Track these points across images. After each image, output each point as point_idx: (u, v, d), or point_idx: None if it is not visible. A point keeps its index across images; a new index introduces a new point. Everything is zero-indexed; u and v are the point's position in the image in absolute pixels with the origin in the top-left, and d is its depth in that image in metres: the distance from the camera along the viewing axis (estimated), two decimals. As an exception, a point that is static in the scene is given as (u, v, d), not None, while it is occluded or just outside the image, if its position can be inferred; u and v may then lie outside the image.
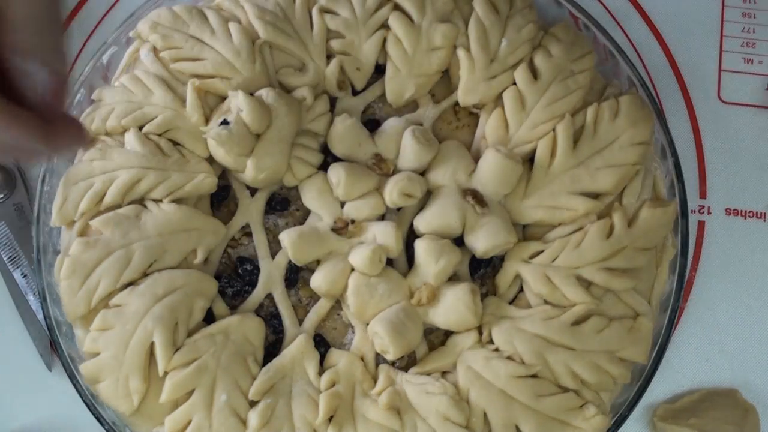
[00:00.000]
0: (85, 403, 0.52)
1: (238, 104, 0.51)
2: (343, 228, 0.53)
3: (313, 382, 0.52)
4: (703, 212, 0.60)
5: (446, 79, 0.57)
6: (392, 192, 0.53)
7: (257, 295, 0.54)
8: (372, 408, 0.51)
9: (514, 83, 0.55)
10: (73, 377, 0.52)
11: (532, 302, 0.53)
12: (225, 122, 0.51)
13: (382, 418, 0.50)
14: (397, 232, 0.52)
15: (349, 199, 0.54)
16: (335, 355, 0.53)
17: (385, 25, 0.56)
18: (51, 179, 0.55)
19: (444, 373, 0.53)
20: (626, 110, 0.54)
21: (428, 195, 0.55)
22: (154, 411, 0.52)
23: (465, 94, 0.56)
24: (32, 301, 0.58)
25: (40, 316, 0.57)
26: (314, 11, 0.55)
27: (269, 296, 0.55)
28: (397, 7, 0.56)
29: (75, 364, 0.53)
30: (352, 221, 0.53)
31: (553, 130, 0.54)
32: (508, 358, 0.52)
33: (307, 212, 0.55)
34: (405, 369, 0.53)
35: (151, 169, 0.53)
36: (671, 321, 0.54)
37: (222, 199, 0.56)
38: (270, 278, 0.54)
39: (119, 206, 0.53)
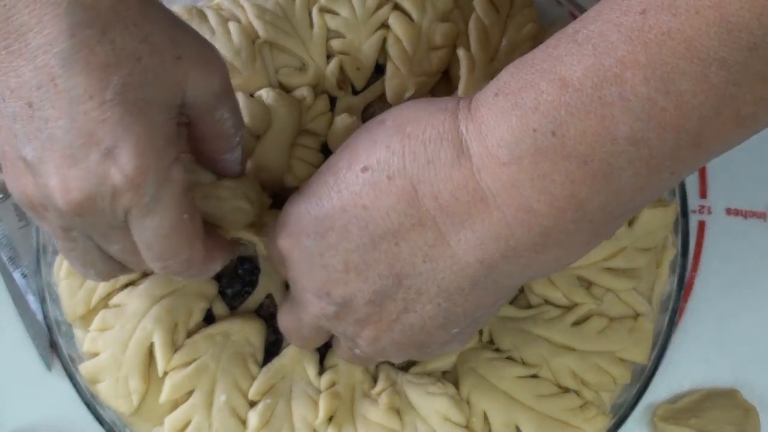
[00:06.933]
0: (85, 403, 0.52)
1: (238, 104, 0.51)
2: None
3: (313, 383, 0.52)
4: (704, 212, 0.60)
5: (446, 79, 0.57)
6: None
7: (257, 295, 0.54)
8: (372, 408, 0.51)
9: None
10: (72, 377, 0.52)
11: (533, 302, 0.53)
12: (225, 122, 0.51)
13: (382, 419, 0.50)
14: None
15: (350, 198, 0.54)
16: (335, 356, 0.53)
17: (385, 25, 0.56)
18: (50, 179, 0.54)
19: (444, 373, 0.53)
20: (627, 110, 0.54)
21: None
22: (154, 411, 0.52)
23: (465, 94, 0.56)
24: (32, 301, 0.57)
25: (40, 316, 0.57)
26: (314, 11, 0.55)
27: (269, 296, 0.54)
28: (397, 7, 0.56)
29: (74, 364, 0.52)
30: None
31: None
32: (509, 358, 0.52)
33: (307, 212, 0.55)
34: (405, 369, 0.53)
35: (151, 169, 0.53)
36: (671, 321, 0.54)
37: (222, 199, 0.56)
38: (270, 278, 0.54)
39: (119, 206, 0.53)
